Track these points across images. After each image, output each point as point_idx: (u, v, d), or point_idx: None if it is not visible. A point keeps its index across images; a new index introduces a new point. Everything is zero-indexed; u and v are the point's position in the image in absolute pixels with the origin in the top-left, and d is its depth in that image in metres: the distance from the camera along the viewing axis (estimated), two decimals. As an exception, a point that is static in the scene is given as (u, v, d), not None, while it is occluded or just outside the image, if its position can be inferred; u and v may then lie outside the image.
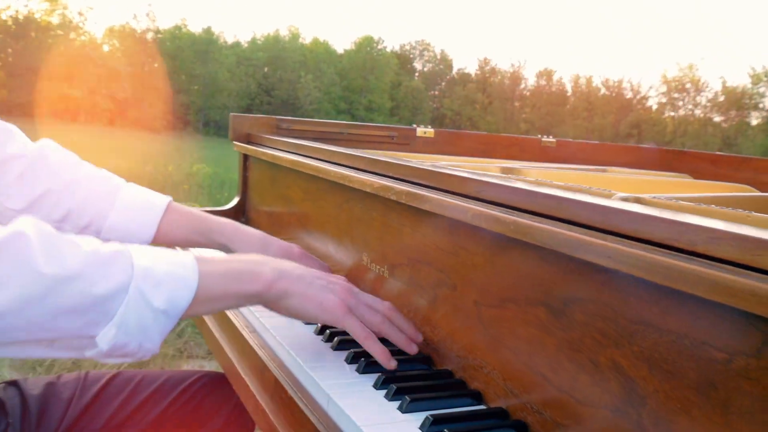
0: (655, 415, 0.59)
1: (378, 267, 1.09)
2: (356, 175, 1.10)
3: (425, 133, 2.05)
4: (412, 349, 0.91)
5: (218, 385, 1.21)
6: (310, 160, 1.33)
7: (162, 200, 1.14)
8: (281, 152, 1.49)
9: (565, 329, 0.70)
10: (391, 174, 1.05)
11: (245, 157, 1.76)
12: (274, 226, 1.61)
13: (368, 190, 1.05)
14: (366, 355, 0.88)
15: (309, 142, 1.48)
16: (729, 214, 0.88)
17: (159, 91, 57.43)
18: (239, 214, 1.80)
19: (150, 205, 1.12)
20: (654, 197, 0.97)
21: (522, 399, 0.76)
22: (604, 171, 1.92)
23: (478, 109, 67.47)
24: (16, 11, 52.58)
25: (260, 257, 0.86)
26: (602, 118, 64.69)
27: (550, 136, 2.30)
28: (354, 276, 1.16)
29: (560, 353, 0.70)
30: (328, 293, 0.86)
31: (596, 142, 2.40)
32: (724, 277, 0.51)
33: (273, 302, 0.84)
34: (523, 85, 70.64)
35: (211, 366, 2.88)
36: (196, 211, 1.17)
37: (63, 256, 0.65)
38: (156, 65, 61.12)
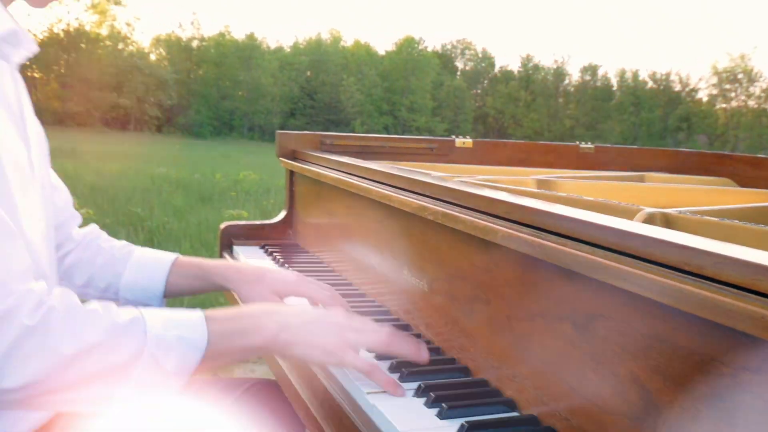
0: (670, 424, 0.64)
1: (418, 281, 1.15)
2: (396, 194, 1.17)
3: (464, 143, 2.11)
4: (423, 357, 0.96)
5: (270, 391, 1.29)
6: (352, 178, 1.41)
7: (169, 257, 1.25)
8: (325, 169, 1.57)
9: (588, 343, 0.76)
10: (428, 193, 1.12)
11: (291, 173, 1.84)
12: (320, 238, 1.69)
13: (407, 209, 1.12)
14: (406, 364, 0.95)
15: (351, 159, 1.55)
16: (752, 231, 0.92)
17: (205, 98, 58.41)
18: (287, 226, 1.89)
19: (158, 263, 1.23)
20: (680, 212, 1.02)
21: (551, 407, 0.81)
22: (641, 178, 1.95)
23: (521, 106, 66.85)
24: (68, 24, 54.22)
25: (265, 309, 0.92)
26: (649, 112, 63.41)
27: (588, 142, 2.34)
28: (395, 289, 1.24)
29: (585, 365, 0.76)
30: (329, 336, 0.90)
31: (635, 147, 2.42)
32: (723, 301, 0.56)
33: (279, 352, 0.91)
34: (566, 81, 69.76)
35: (261, 370, 2.99)
36: (197, 260, 1.27)
37: (83, 331, 0.75)
38: (201, 72, 62.20)
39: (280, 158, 1.87)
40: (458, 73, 71.64)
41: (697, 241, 0.65)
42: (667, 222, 0.98)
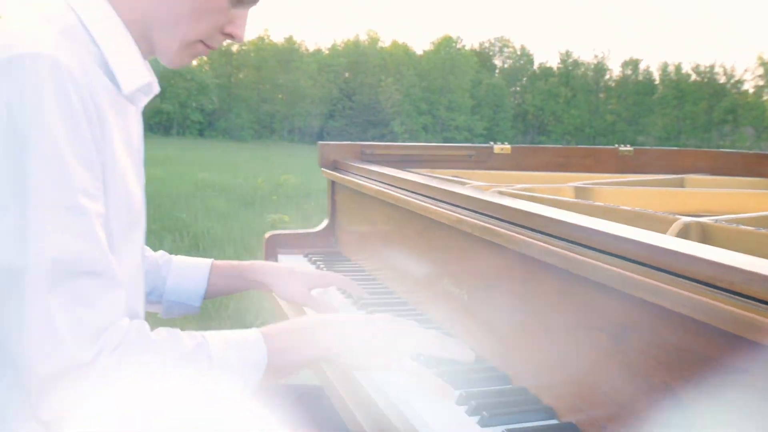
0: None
1: (458, 291, 1.19)
2: (435, 207, 1.21)
3: (502, 149, 2.13)
4: (469, 357, 0.99)
5: (316, 397, 1.34)
6: (391, 189, 1.45)
7: (206, 261, 1.37)
8: (365, 180, 1.62)
9: (623, 354, 0.78)
10: (465, 206, 1.15)
11: (333, 183, 1.89)
12: (361, 247, 1.74)
13: (445, 221, 1.16)
14: (450, 372, 0.99)
15: (391, 170, 1.60)
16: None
17: (245, 102, 59.17)
18: (329, 235, 1.94)
19: (198, 267, 1.35)
20: (717, 221, 1.03)
21: (588, 414, 0.84)
22: (680, 182, 1.95)
23: (561, 102, 66.08)
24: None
25: (316, 321, 0.98)
26: (693, 105, 62.06)
27: (628, 145, 2.33)
28: (436, 297, 1.27)
29: (620, 375, 0.79)
30: (378, 342, 0.95)
31: (675, 148, 2.40)
32: (751, 317, 0.58)
33: (332, 361, 0.96)
34: (607, 76, 68.71)
35: (306, 374, 3.05)
36: (233, 261, 1.39)
37: (157, 357, 0.82)
38: (241, 76, 63.01)
39: (322, 168, 1.92)
40: (497, 70, 71.12)
41: (727, 256, 0.68)
42: (704, 232, 1.00)
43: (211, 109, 56.63)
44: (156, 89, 1.05)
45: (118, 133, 0.91)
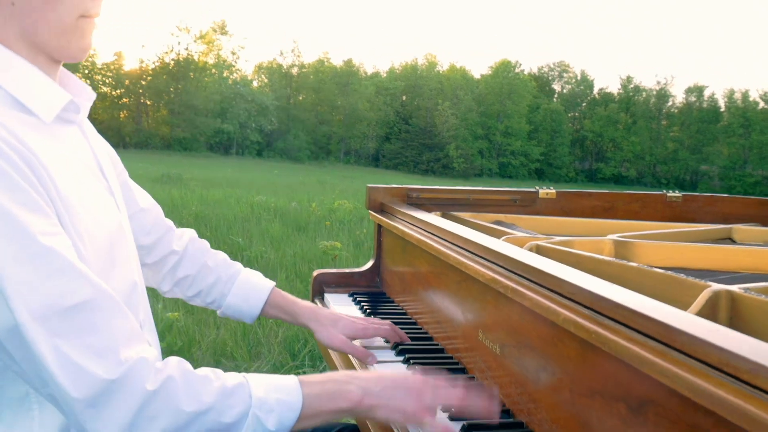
0: None
1: (491, 343, 1.23)
2: (470, 263, 1.26)
3: (547, 194, 2.16)
4: (495, 414, 1.05)
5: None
6: (432, 239, 1.50)
7: (267, 286, 1.46)
8: (408, 227, 1.68)
9: (641, 425, 0.82)
10: (499, 263, 1.19)
11: (379, 225, 1.96)
12: (404, 289, 1.79)
13: (480, 279, 1.20)
14: (479, 426, 1.04)
15: (433, 218, 1.65)
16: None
17: (303, 123, 60.19)
18: (374, 275, 2.00)
19: (257, 291, 1.45)
20: (746, 290, 1.05)
21: (608, 481, 0.87)
22: (728, 233, 1.93)
23: (620, 129, 65.03)
24: (178, 54, 57.41)
25: (350, 375, 1.03)
26: (761, 134, 60.21)
27: (677, 191, 2.33)
28: (470, 347, 1.32)
29: (637, 446, 0.82)
30: (407, 399, 1.01)
31: (725, 195, 2.39)
32: (755, 413, 0.61)
33: (363, 414, 1.02)
34: (670, 103, 67.38)
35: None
36: (289, 297, 1.48)
37: (199, 393, 0.88)
38: (300, 98, 64.15)
39: (370, 211, 1.99)
40: (555, 96, 70.52)
41: (736, 343, 0.70)
42: (733, 302, 1.02)
43: (269, 130, 57.74)
44: (90, 95, 1.08)
45: (59, 163, 0.94)
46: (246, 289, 1.44)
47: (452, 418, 1.09)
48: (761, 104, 63.26)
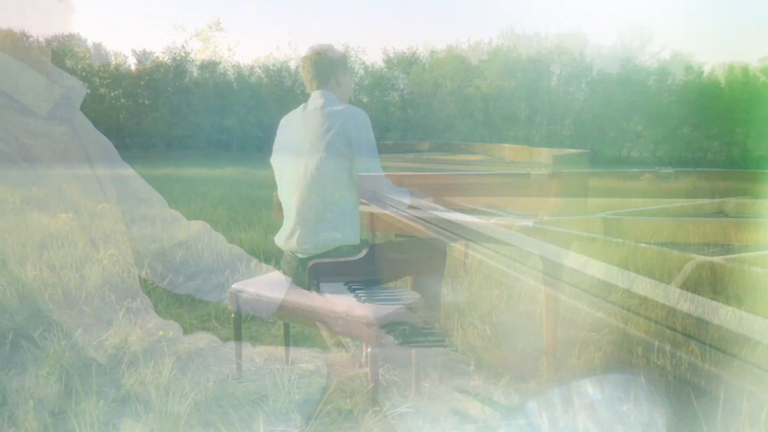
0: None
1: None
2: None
3: (539, 176, 2.17)
4: None
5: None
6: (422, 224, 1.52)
7: None
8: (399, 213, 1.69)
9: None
10: (483, 242, 1.21)
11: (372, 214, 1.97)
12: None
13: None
14: None
15: (424, 203, 1.66)
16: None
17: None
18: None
19: None
20: (728, 260, 1.07)
21: None
22: (720, 208, 1.94)
23: (622, 108, 64.36)
24: (175, 52, 57.17)
25: None
26: (764, 109, 59.48)
27: (669, 168, 2.34)
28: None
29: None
30: None
31: (717, 169, 2.39)
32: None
33: None
34: (669, 81, 66.54)
35: None
36: None
37: None
38: (299, 91, 63.98)
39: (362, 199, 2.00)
40: (554, 77, 69.90)
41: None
42: (715, 273, 1.03)
43: (269, 124, 57.49)
44: (81, 90, 1.06)
45: None
46: None
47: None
48: (762, 78, 62.69)
